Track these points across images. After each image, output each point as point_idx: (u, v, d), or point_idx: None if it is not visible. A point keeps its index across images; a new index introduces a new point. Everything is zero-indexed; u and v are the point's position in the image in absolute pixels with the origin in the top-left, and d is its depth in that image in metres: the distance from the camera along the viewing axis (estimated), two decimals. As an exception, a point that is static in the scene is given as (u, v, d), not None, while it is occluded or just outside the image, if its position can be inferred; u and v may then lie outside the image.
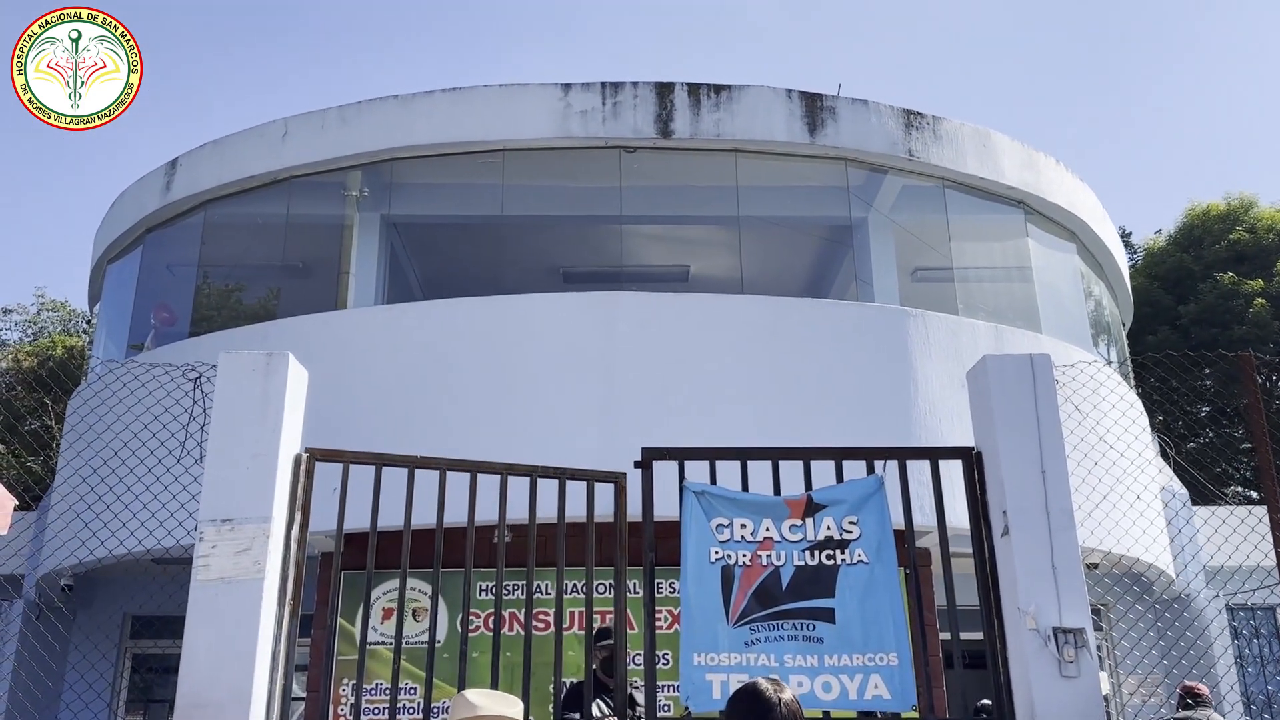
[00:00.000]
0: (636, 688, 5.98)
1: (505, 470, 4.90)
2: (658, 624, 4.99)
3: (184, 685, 4.25)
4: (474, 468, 4.87)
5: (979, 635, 4.74)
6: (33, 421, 19.10)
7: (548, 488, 4.92)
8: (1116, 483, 7.30)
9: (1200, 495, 11.27)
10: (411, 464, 4.83)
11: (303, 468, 4.79)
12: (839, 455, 5.09)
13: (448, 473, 4.83)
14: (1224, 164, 46.55)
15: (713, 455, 5.09)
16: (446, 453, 4.96)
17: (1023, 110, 59.26)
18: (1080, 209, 10.74)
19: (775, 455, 5.06)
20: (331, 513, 4.73)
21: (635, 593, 7.24)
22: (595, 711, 4.78)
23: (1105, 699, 5.14)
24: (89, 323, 20.11)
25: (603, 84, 9.41)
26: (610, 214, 9.86)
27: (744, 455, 5.08)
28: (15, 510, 9.97)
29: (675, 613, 7.39)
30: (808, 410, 7.67)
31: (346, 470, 4.78)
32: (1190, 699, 6.95)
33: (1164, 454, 10.44)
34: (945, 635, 7.18)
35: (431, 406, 7.80)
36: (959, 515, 5.24)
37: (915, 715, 4.72)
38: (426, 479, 4.82)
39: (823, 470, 5.09)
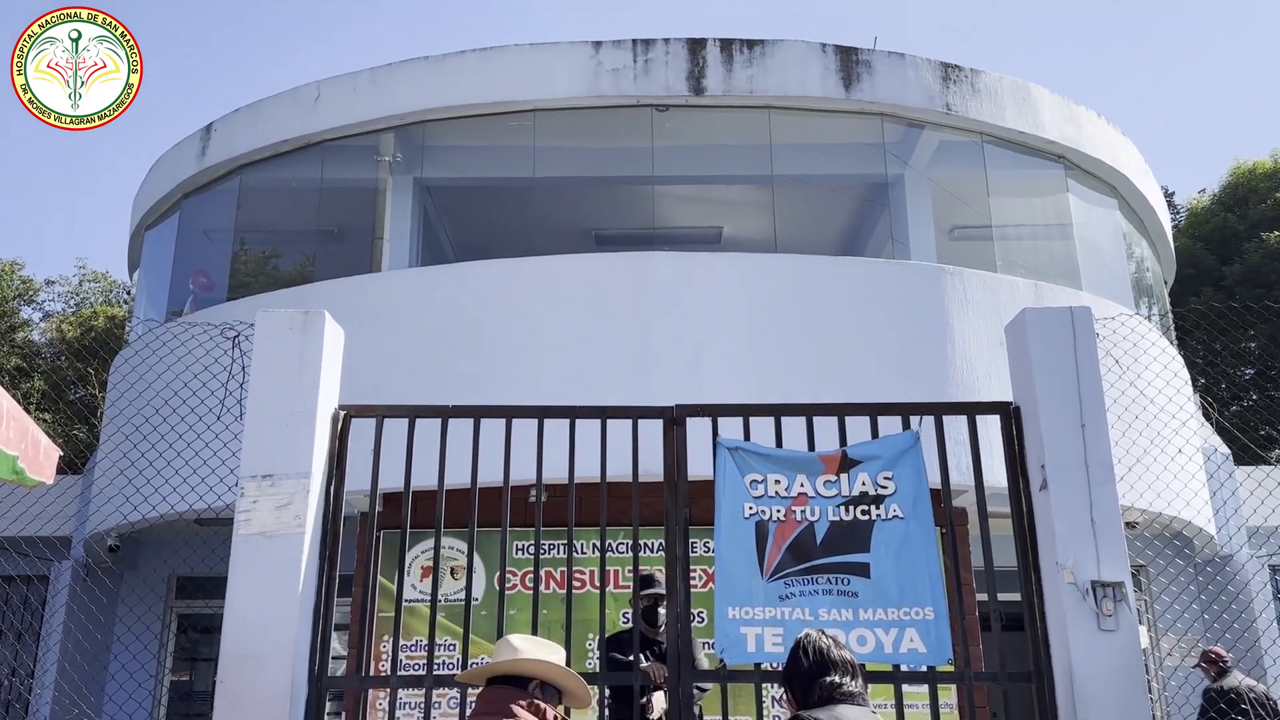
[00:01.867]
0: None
1: (541, 414, 4.90)
2: (692, 583, 4.99)
3: (227, 637, 4.33)
4: (509, 413, 4.88)
5: (1016, 596, 4.71)
6: (77, 390, 19.47)
7: (588, 446, 4.91)
8: (1157, 436, 7.20)
9: (1243, 456, 11.09)
10: (445, 414, 4.86)
11: (339, 424, 4.84)
12: (874, 411, 5.04)
13: (482, 422, 4.86)
14: (1271, 121, 45.36)
15: (746, 412, 5.06)
16: (479, 413, 4.98)
17: (1064, 68, 58.02)
18: (1122, 163, 10.52)
19: (809, 411, 5.03)
20: (369, 474, 4.77)
21: (658, 551, 7.28)
22: (642, 661, 4.82)
23: (1144, 653, 5.10)
24: (129, 293, 20.41)
25: (634, 41, 9.32)
26: (642, 175, 9.80)
27: (778, 412, 5.05)
28: (62, 474, 10.21)
29: (710, 571, 7.42)
30: (843, 369, 7.62)
31: (381, 424, 4.83)
32: (1221, 664, 6.89)
33: (1206, 415, 10.27)
34: (982, 596, 7.15)
35: (465, 369, 7.84)
36: (996, 475, 5.19)
37: (951, 669, 4.70)
38: (461, 440, 4.85)
39: (858, 428, 5.05)
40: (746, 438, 5.06)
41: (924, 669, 4.60)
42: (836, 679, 2.65)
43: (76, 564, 9.65)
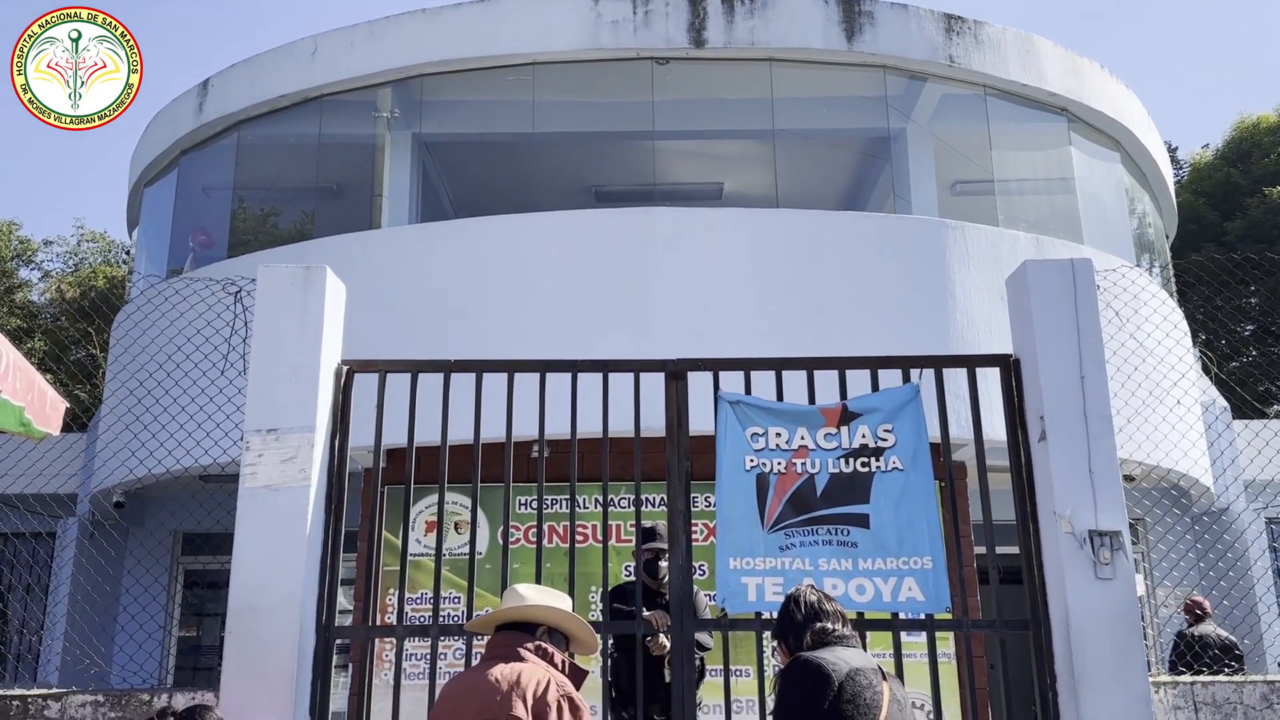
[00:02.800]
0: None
1: (543, 368, 4.93)
2: (694, 537, 5.04)
3: (235, 588, 4.39)
4: (511, 368, 4.91)
5: (1015, 550, 4.77)
6: (78, 351, 19.48)
7: (590, 401, 4.94)
8: (1155, 387, 7.23)
9: (1242, 410, 11.13)
10: (447, 368, 4.88)
11: (342, 379, 4.87)
12: (875, 364, 5.07)
13: (484, 377, 4.88)
14: (1276, 75, 44.90)
15: (747, 366, 5.09)
16: (480, 369, 5.00)
17: (1068, 21, 57.34)
18: (1125, 116, 10.45)
19: (810, 365, 5.06)
20: (372, 430, 4.80)
21: (659, 506, 7.35)
22: (644, 612, 4.89)
23: (1140, 600, 5.16)
24: (128, 253, 20.33)
25: (634, -8, 9.22)
26: (642, 129, 9.74)
27: (779, 365, 5.08)
28: (67, 432, 10.26)
29: (711, 525, 7.47)
30: (844, 324, 7.63)
31: (383, 379, 4.85)
32: (1199, 611, 7.03)
33: (1205, 369, 10.29)
34: (980, 549, 7.22)
35: (466, 326, 7.84)
36: (995, 429, 5.23)
37: (949, 617, 4.77)
38: (464, 395, 4.88)
39: (858, 381, 5.08)
40: (748, 391, 5.10)
41: (922, 617, 4.67)
42: (829, 625, 2.73)
43: (83, 521, 9.74)
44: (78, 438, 10.41)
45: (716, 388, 5.05)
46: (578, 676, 2.83)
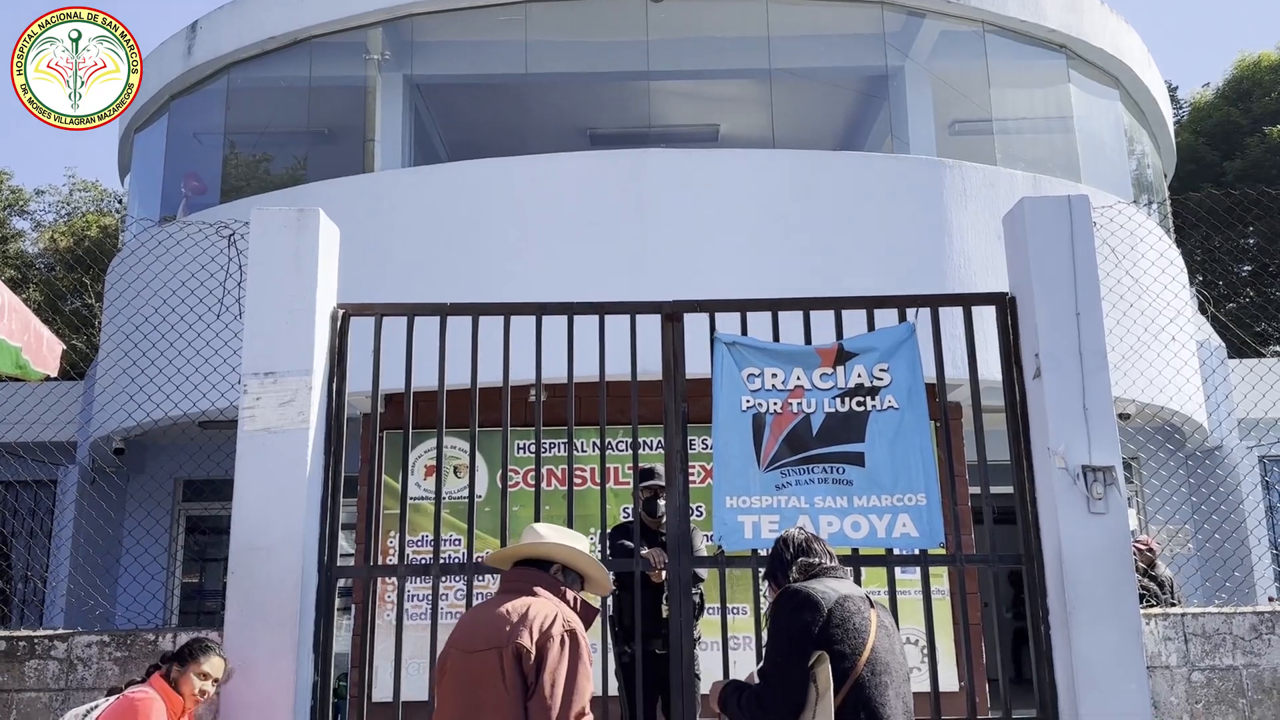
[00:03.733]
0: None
1: (539, 310, 4.94)
2: (691, 479, 5.09)
3: (237, 529, 4.43)
4: (506, 310, 4.91)
5: (1009, 489, 4.81)
6: (73, 301, 19.42)
7: (586, 345, 4.95)
8: (1151, 324, 7.24)
9: (1237, 350, 11.16)
10: (443, 311, 4.88)
11: (339, 322, 4.87)
12: (871, 304, 5.07)
13: (480, 321, 4.88)
14: (1278, 12, 44.24)
15: (743, 307, 5.09)
16: (476, 314, 5.00)
17: (1069, -42, 56.23)
18: (1124, 52, 10.32)
19: (806, 306, 5.06)
20: (369, 375, 4.81)
21: (656, 449, 7.40)
22: (643, 549, 4.95)
23: (1132, 534, 5.23)
24: (121, 201, 20.18)
25: (627, -73, 9.04)
26: (637, 70, 9.61)
27: (775, 306, 5.08)
28: (64, 379, 10.27)
29: (708, 467, 7.53)
30: (841, 266, 7.61)
31: (379, 322, 4.85)
32: (1149, 553, 7.09)
33: (1202, 309, 10.30)
34: (975, 489, 7.28)
35: (461, 270, 7.82)
36: (991, 368, 5.24)
37: (942, 552, 4.83)
38: (460, 340, 4.88)
39: (854, 322, 5.09)
40: (744, 332, 5.10)
41: (916, 553, 4.73)
42: (816, 559, 2.78)
43: (83, 468, 9.79)
44: (76, 385, 10.43)
45: (713, 329, 5.06)
46: (589, 614, 2.90)
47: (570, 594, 2.90)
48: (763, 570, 4.70)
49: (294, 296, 4.64)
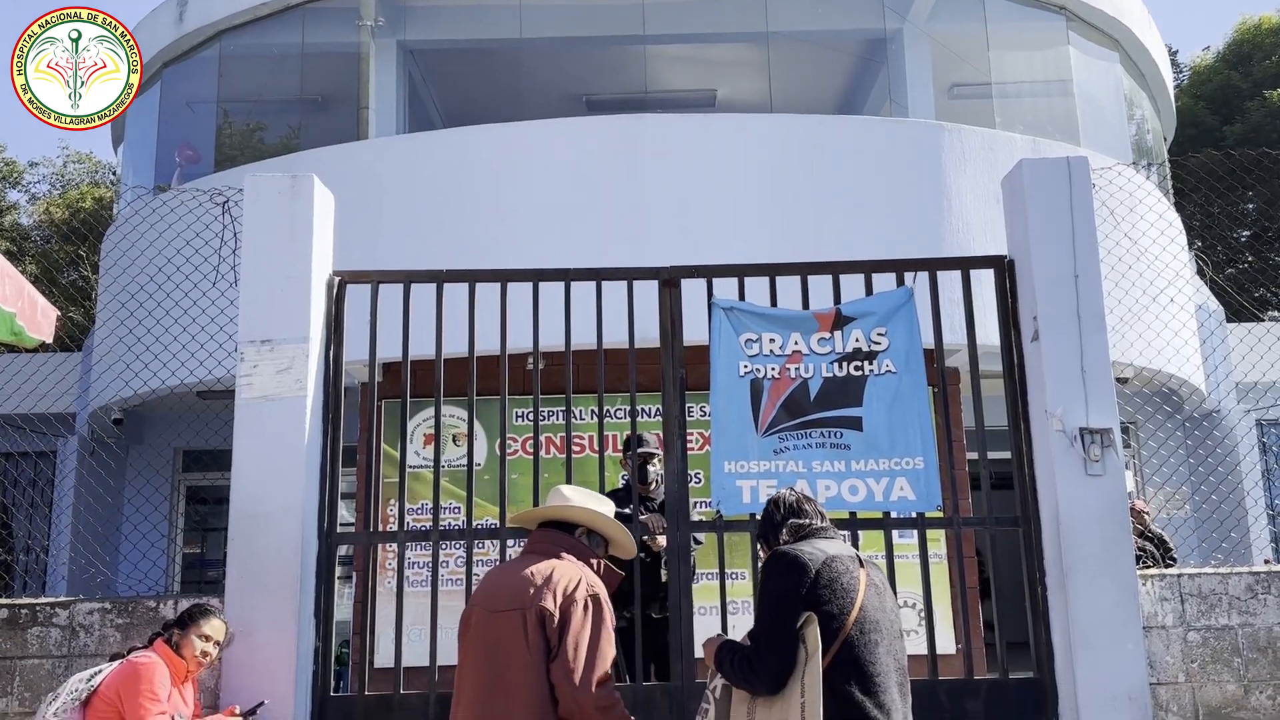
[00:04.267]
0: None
1: (535, 277, 4.92)
2: (690, 446, 5.09)
3: (236, 497, 4.44)
4: (503, 277, 4.90)
5: (1006, 455, 4.82)
6: (70, 274, 19.37)
7: (584, 312, 4.93)
8: (1150, 284, 7.23)
9: (1237, 315, 11.16)
10: (440, 279, 4.87)
11: (335, 290, 4.85)
12: (868, 269, 5.06)
13: (477, 289, 4.87)
14: (1283, -27, 43.72)
15: (741, 272, 5.08)
16: (472, 280, 4.97)
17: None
18: (1124, 14, 10.23)
19: (804, 270, 5.05)
20: (366, 343, 4.80)
21: (654, 417, 7.40)
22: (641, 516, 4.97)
23: (1129, 495, 5.25)
24: (115, 173, 20.05)
25: (623, -113, 8.92)
26: (633, 34, 9.51)
27: (772, 271, 5.07)
28: (62, 350, 10.25)
29: (706, 434, 7.53)
30: (838, 231, 7.57)
31: (376, 289, 4.84)
32: (1142, 515, 7.11)
33: (1200, 273, 10.28)
34: (972, 455, 7.29)
35: (457, 237, 7.78)
36: (989, 333, 5.23)
37: (940, 515, 4.85)
38: (457, 308, 4.86)
39: (852, 286, 5.07)
40: (741, 297, 5.09)
41: (914, 516, 4.75)
42: (806, 521, 2.79)
43: (82, 439, 9.80)
44: (74, 357, 10.43)
45: (710, 294, 5.05)
46: (612, 578, 2.92)
47: (593, 557, 2.93)
48: (758, 543, 4.73)
49: (290, 263, 4.62)
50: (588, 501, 2.98)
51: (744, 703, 2.69)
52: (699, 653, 4.62)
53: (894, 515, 4.76)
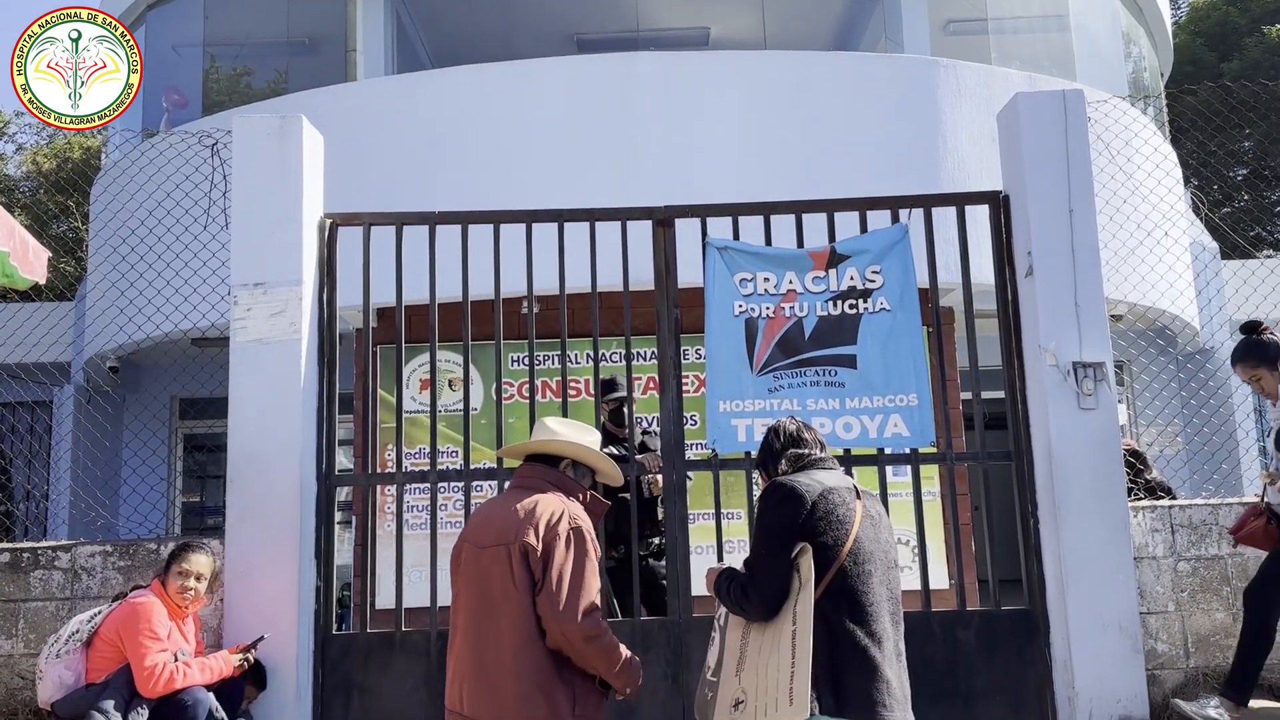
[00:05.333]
0: (648, 433, 6.25)
1: (529, 218, 4.90)
2: (684, 389, 5.11)
3: (233, 439, 4.46)
4: (496, 218, 4.88)
5: (1000, 394, 4.85)
6: (60, 225, 19.21)
7: (578, 254, 4.91)
8: (1144, 220, 7.20)
9: (1231, 252, 11.14)
10: (432, 220, 4.84)
11: (326, 232, 4.82)
12: (863, 206, 5.04)
13: (470, 233, 4.85)
14: (1285, -95, 42.94)
15: (735, 211, 5.06)
16: (463, 222, 4.94)
17: None
18: (1124, -53, 10.08)
19: (799, 209, 5.03)
20: (360, 288, 4.78)
21: (649, 360, 7.41)
22: (613, 451, 5.01)
23: (1122, 429, 5.29)
24: (101, 119, 19.73)
25: None
26: (625, -30, 9.36)
27: (767, 210, 5.05)
28: (54, 300, 10.20)
29: (700, 377, 7.54)
30: (833, 168, 7.51)
31: (368, 231, 4.81)
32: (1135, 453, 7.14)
33: (1196, 211, 10.24)
34: (966, 395, 7.32)
35: (448, 179, 7.70)
36: (984, 272, 5.23)
37: (934, 450, 4.88)
38: (450, 252, 4.83)
39: (848, 225, 5.05)
40: (736, 237, 5.08)
41: (907, 452, 4.78)
42: (806, 451, 2.80)
43: (78, 388, 9.80)
44: (68, 306, 10.39)
45: (704, 234, 5.03)
46: (598, 508, 2.95)
47: (578, 490, 2.95)
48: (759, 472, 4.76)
49: (281, 206, 4.59)
50: (573, 433, 2.99)
51: (739, 628, 2.73)
52: (696, 590, 4.68)
53: (888, 452, 4.80)
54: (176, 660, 3.85)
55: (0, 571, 4.53)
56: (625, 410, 5.58)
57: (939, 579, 7.20)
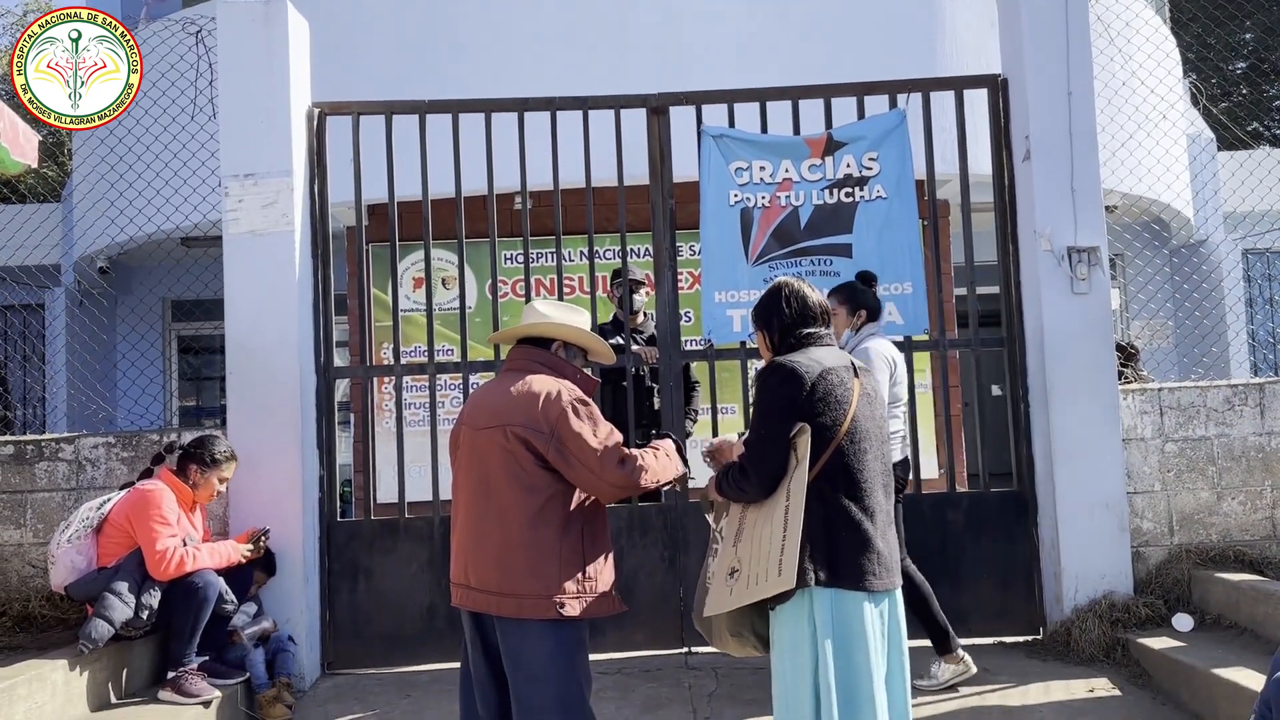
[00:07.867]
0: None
1: (520, 106, 4.84)
2: (680, 286, 5.11)
3: (230, 330, 4.48)
4: (487, 107, 4.81)
5: (995, 289, 4.85)
6: (41, 130, 18.82)
7: (571, 146, 4.84)
8: (1142, 104, 7.13)
9: (1229, 148, 11.03)
10: (422, 109, 4.78)
11: (315, 122, 4.75)
12: (860, 91, 4.98)
13: (462, 127, 4.78)
14: None
15: (730, 98, 5.00)
16: (453, 117, 4.86)
17: None
18: None
19: (795, 95, 4.97)
20: (350, 184, 4.72)
21: (644, 256, 7.38)
22: (619, 341, 5.04)
23: (1114, 313, 5.33)
24: (76, 18, 19.21)
25: None
26: None
27: (763, 96, 4.98)
28: (41, 202, 10.08)
29: (696, 274, 7.53)
30: (830, 56, 7.34)
31: (357, 120, 4.75)
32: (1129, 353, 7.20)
33: (1194, 101, 10.10)
34: (961, 290, 7.33)
35: (436, 70, 7.51)
36: (980, 162, 5.18)
37: (926, 338, 4.92)
38: (442, 145, 4.76)
39: (845, 112, 4.99)
40: (731, 125, 5.02)
41: (901, 339, 4.82)
42: (812, 329, 2.80)
43: (70, 290, 9.75)
44: (55, 208, 10.26)
45: (699, 122, 4.97)
46: (589, 385, 2.98)
47: (569, 370, 2.97)
48: (753, 361, 4.80)
49: (268, 94, 4.51)
50: (562, 315, 3.01)
51: (738, 506, 2.79)
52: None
53: (882, 338, 4.83)
54: (186, 546, 3.93)
55: (6, 463, 4.58)
56: (636, 296, 5.55)
57: (930, 470, 7.34)
